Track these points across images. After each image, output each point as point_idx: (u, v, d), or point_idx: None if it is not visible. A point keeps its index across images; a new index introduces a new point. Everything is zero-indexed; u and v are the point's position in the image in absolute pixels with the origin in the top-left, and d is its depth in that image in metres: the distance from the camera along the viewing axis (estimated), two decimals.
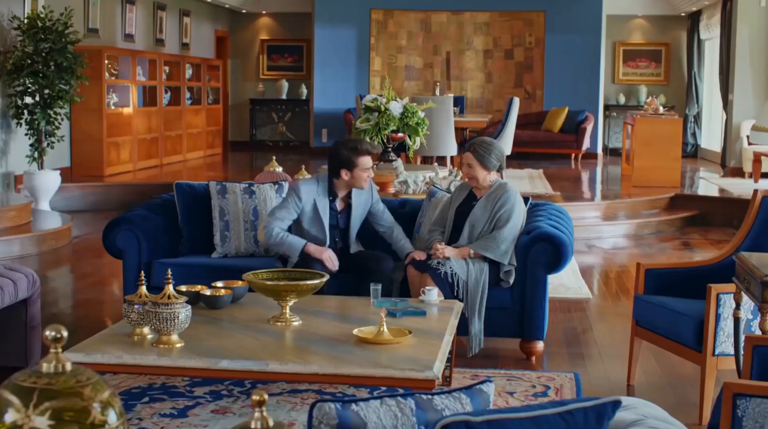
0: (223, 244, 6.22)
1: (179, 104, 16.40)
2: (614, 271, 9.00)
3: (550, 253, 5.62)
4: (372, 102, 8.44)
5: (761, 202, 5.26)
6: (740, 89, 15.10)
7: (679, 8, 18.41)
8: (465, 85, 18.51)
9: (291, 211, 5.80)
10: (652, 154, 12.92)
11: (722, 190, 13.00)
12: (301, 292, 4.52)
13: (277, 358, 3.99)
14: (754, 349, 3.62)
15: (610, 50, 19.08)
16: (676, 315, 4.88)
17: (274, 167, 7.21)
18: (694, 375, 5.41)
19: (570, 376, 5.41)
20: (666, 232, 11.20)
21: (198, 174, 14.70)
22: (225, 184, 6.32)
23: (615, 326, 6.79)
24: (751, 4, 14.95)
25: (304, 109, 19.72)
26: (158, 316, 4.05)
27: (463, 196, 5.88)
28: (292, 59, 20.06)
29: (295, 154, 18.24)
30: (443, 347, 4.18)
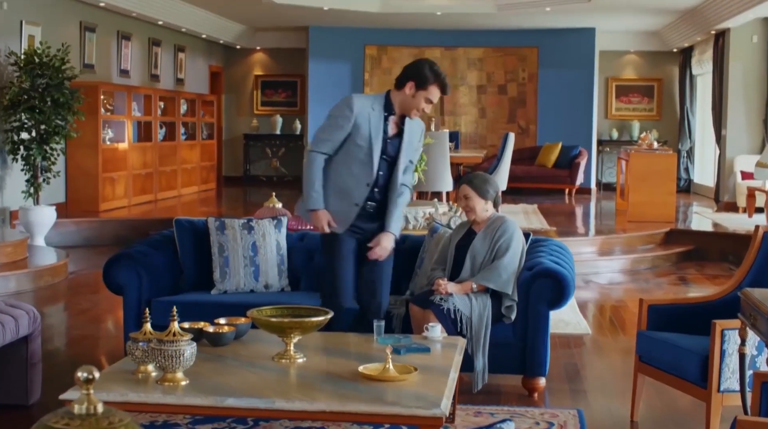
0: (222, 280, 6.20)
1: (174, 139, 16.42)
2: (612, 306, 8.99)
3: (553, 289, 5.61)
4: None
5: (763, 237, 5.26)
6: (733, 124, 15.19)
7: (671, 44, 18.54)
8: (459, 120, 18.58)
9: (339, 127, 5.16)
10: (646, 189, 12.96)
11: (716, 225, 13.03)
12: (306, 329, 4.50)
13: (282, 396, 3.96)
14: (763, 386, 3.62)
15: (602, 86, 19.19)
16: (681, 351, 4.88)
17: (273, 203, 7.22)
18: (698, 411, 5.40)
19: (573, 412, 5.39)
20: (662, 267, 11.22)
21: (192, 209, 14.71)
22: (224, 220, 6.31)
23: (615, 362, 6.77)
24: (743, 40, 15.07)
25: (298, 145, 19.76)
26: (163, 354, 4.02)
27: (463, 233, 5.88)
28: (286, 95, 20.13)
29: (289, 190, 18.23)
30: (449, 384, 4.16)
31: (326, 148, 5.24)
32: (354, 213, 5.31)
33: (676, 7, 15.12)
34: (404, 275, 6.30)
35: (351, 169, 5.26)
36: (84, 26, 13.79)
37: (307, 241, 6.55)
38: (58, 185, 12.86)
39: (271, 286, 6.26)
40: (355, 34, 18.26)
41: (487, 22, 17.23)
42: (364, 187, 5.28)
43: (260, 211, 7.14)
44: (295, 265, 6.43)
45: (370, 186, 5.29)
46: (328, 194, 5.29)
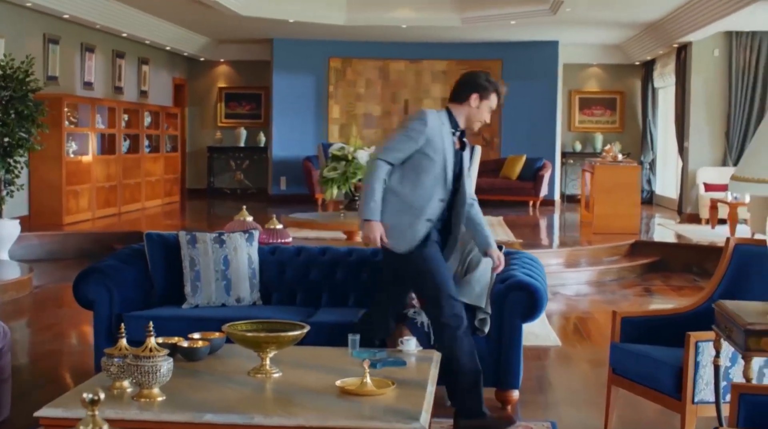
0: (194, 294, 6.16)
1: (138, 152, 16.33)
2: (579, 317, 9.03)
3: (526, 301, 5.63)
4: (339, 151, 8.46)
5: (734, 249, 5.31)
6: (696, 137, 15.35)
7: (633, 57, 18.70)
8: None
9: (412, 140, 5.09)
10: (611, 201, 13.05)
11: (680, 237, 13.15)
12: (282, 344, 4.47)
13: (261, 411, 3.94)
14: (741, 398, 3.64)
15: (566, 98, 19.32)
16: (655, 363, 4.90)
17: (244, 216, 7.18)
18: (671, 423, 5.44)
19: (547, 425, 5.41)
20: (627, 279, 11.29)
21: (156, 222, 14.63)
22: (195, 234, 6.27)
23: (586, 373, 6.80)
24: (704, 54, 15.25)
25: (262, 157, 19.71)
26: (140, 370, 3.98)
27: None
28: (250, 107, 20.08)
29: (254, 202, 18.19)
30: (427, 398, 4.16)
31: (394, 158, 5.15)
32: (425, 229, 5.21)
33: (638, 21, 15.26)
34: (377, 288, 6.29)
35: (423, 184, 5.16)
36: (48, 38, 13.69)
37: (279, 254, 6.52)
38: (21, 198, 12.73)
39: (243, 300, 6.23)
40: (319, 46, 18.26)
41: (451, 35, 17.29)
42: (438, 202, 5.21)
43: (231, 225, 7.10)
44: (266, 278, 6.40)
45: (444, 202, 5.24)
46: (392, 208, 5.19)
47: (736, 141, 15.08)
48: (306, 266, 6.48)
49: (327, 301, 6.40)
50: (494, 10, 15.18)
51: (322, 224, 8.91)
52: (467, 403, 5.23)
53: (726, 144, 15.19)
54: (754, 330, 3.90)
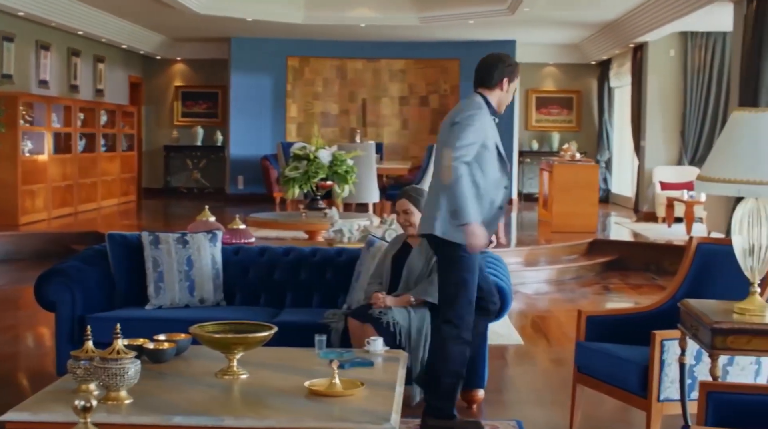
0: (157, 295, 6.12)
1: (94, 151, 16.17)
2: (540, 316, 9.08)
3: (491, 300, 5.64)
4: (301, 150, 8.45)
5: (696, 248, 5.36)
6: (651, 136, 15.49)
7: (589, 57, 18.83)
8: (381, 131, 18.62)
9: (479, 131, 4.99)
10: (570, 199, 13.12)
11: (637, 235, 13.26)
12: (250, 345, 4.45)
13: (230, 413, 3.92)
14: (709, 396, 3.67)
15: (522, 97, 19.40)
16: (620, 361, 4.94)
17: (206, 217, 7.14)
18: (636, 420, 5.49)
19: (513, 423, 5.43)
20: (586, 277, 11.36)
21: (113, 222, 14.50)
22: (158, 235, 6.23)
23: (550, 372, 6.84)
24: (660, 54, 15.39)
25: (219, 156, 19.61)
26: (107, 372, 3.94)
27: (398, 246, 5.87)
28: (207, 106, 19.96)
29: (211, 201, 18.01)
30: (397, 398, 4.16)
31: (469, 154, 5.04)
32: (499, 218, 5.25)
33: (595, 21, 15.37)
34: (341, 289, 6.29)
35: (488, 174, 5.12)
36: (2, 36, 13.51)
37: (242, 254, 6.49)
38: None
39: (207, 301, 6.20)
40: (277, 45, 18.19)
41: (409, 34, 17.30)
42: (503, 190, 5.23)
43: (194, 225, 7.06)
44: (230, 279, 6.37)
45: (508, 188, 5.29)
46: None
47: (692, 140, 15.24)
48: (270, 266, 6.46)
49: (291, 301, 6.38)
50: (453, 9, 15.21)
51: (285, 224, 8.89)
52: (441, 404, 5.24)
53: (682, 143, 15.34)
54: (721, 328, 3.95)
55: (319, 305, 6.33)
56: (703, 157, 15.03)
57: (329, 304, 6.26)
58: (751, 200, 4.12)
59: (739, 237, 4.15)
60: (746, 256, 4.15)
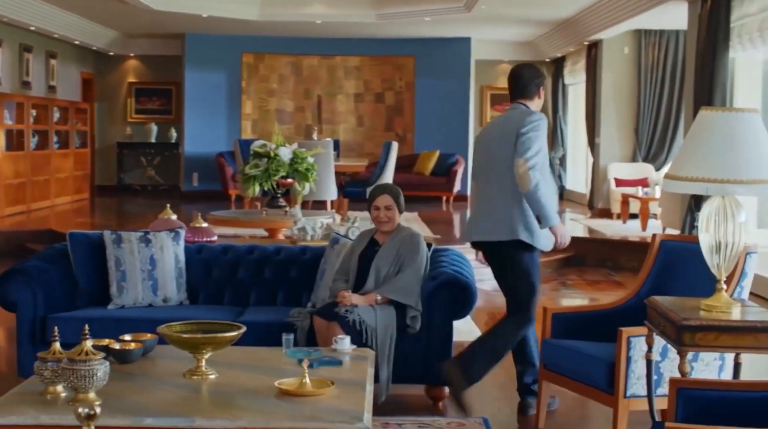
0: (120, 294, 6.06)
1: (47, 148, 15.98)
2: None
3: (457, 298, 5.68)
4: (261, 148, 8.40)
5: (659, 246, 5.42)
6: (606, 133, 15.61)
7: (544, 54, 18.94)
8: (337, 128, 18.61)
9: (542, 142, 5.38)
10: None
11: (592, 231, 13.35)
12: (218, 345, 4.43)
13: (201, 414, 3.89)
14: (679, 392, 3.71)
15: (477, 94, 19.46)
16: (587, 358, 4.98)
17: (168, 215, 7.08)
18: (602, 416, 5.53)
19: (479, 421, 5.44)
20: (543, 273, 11.30)
21: (67, 220, 14.35)
22: (120, 234, 6.18)
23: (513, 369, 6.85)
24: (615, 52, 15.51)
25: (173, 153, 19.47)
26: (76, 374, 3.90)
27: (365, 243, 5.88)
28: (160, 102, 19.81)
29: (165, 199, 17.94)
30: (368, 397, 4.15)
31: (540, 162, 5.32)
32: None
33: (550, 18, 15.46)
34: (305, 287, 6.27)
35: (547, 180, 5.38)
36: None
37: (205, 253, 6.45)
38: None
39: (170, 300, 6.15)
40: (232, 41, 18.09)
41: (365, 31, 17.30)
42: (556, 194, 5.61)
43: (155, 223, 7.00)
44: (193, 277, 6.33)
45: (558, 193, 5.48)
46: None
47: (646, 137, 15.37)
48: (233, 265, 6.43)
49: (255, 300, 6.36)
50: (409, 6, 15.23)
51: (245, 222, 8.85)
52: (474, 367, 5.46)
53: (636, 140, 15.48)
54: (689, 325, 3.99)
55: (283, 304, 6.31)
56: (657, 154, 15.19)
57: (294, 303, 6.25)
58: (717, 198, 4.17)
59: (706, 235, 4.19)
60: (713, 254, 4.20)
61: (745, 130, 4.08)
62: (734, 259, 4.18)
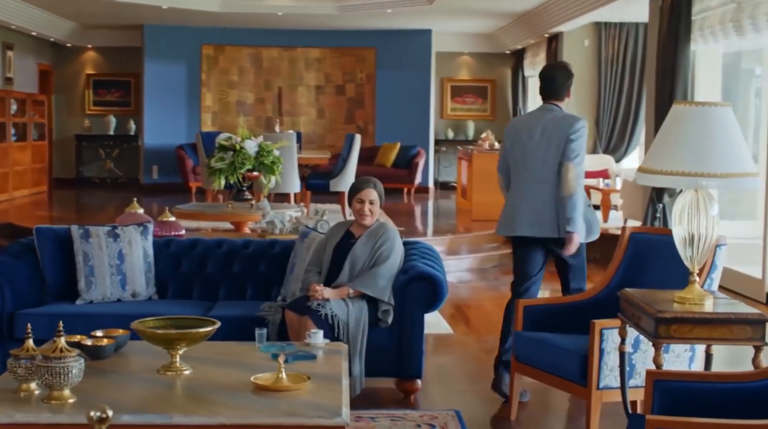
0: (88, 290, 6.01)
1: (4, 141, 15.79)
2: (467, 305, 9.14)
3: (428, 292, 5.69)
4: (226, 140, 8.35)
5: (629, 238, 5.46)
6: None
7: (504, 46, 19.00)
8: (297, 120, 18.54)
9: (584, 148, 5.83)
10: (489, 188, 13.14)
11: None
12: (193, 341, 4.40)
13: (178, 410, 3.87)
14: (655, 384, 3.75)
15: (438, 86, 19.48)
16: (560, 351, 5.01)
17: (135, 209, 7.02)
18: (574, 408, 5.58)
19: (451, 413, 5.46)
20: (507, 265, 11.42)
21: (26, 213, 14.19)
22: (88, 228, 6.11)
23: (483, 360, 6.89)
24: (575, 44, 15.59)
25: (132, 145, 19.30)
26: (50, 371, 3.86)
27: (341, 235, 5.87)
28: (119, 94, 19.62)
29: (125, 192, 17.84)
30: (344, 392, 4.15)
31: (582, 168, 5.78)
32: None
33: (511, 11, 15.49)
34: (275, 281, 6.26)
35: (582, 189, 5.84)
36: None
37: (174, 247, 6.41)
38: None
39: (139, 295, 6.11)
40: (192, 33, 17.96)
41: (326, 23, 17.25)
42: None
43: (122, 218, 6.93)
44: (161, 272, 6.29)
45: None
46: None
47: (606, 129, 15.47)
48: (202, 259, 6.39)
49: (224, 294, 6.33)
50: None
51: (212, 215, 8.79)
52: None
53: (596, 132, 15.57)
54: (665, 318, 4.03)
55: (252, 298, 6.30)
56: (617, 146, 15.30)
57: (263, 297, 6.23)
58: (690, 191, 4.21)
59: (680, 227, 4.23)
60: (686, 247, 4.24)
61: (718, 124, 4.13)
62: (707, 251, 4.22)
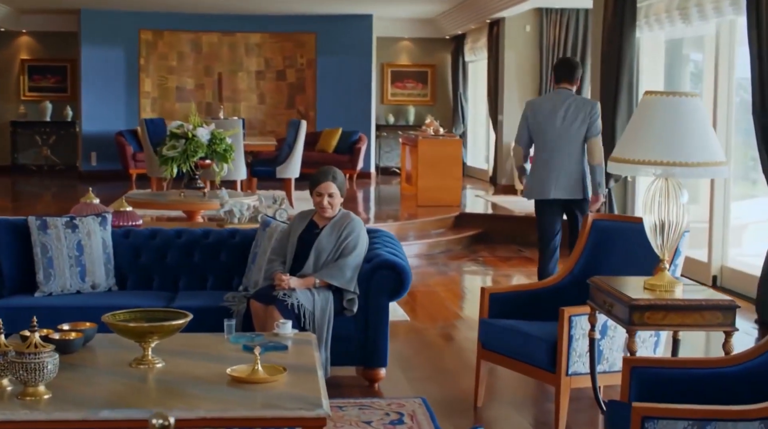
0: (47, 282, 5.92)
1: None
2: (419, 291, 9.16)
3: (393, 280, 5.70)
4: (178, 128, 8.27)
5: (591, 225, 5.52)
6: (509, 110, 15.78)
7: (444, 32, 19.04)
8: (238, 106, 18.40)
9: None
10: (435, 174, 13.28)
11: (499, 208, 13.51)
12: (166, 333, 4.36)
13: (157, 405, 3.83)
14: (632, 371, 3.81)
15: (378, 72, 19.46)
16: (528, 337, 5.05)
17: (91, 199, 6.92)
18: (540, 394, 5.64)
19: (418, 401, 5.48)
20: (455, 251, 11.54)
21: None
22: (45, 219, 6.02)
23: (443, 347, 6.94)
24: (517, 30, 15.67)
25: (70, 132, 19.00)
26: (25, 367, 3.80)
27: (304, 225, 5.84)
28: (55, 80, 19.28)
29: (62, 179, 17.62)
30: (321, 382, 4.15)
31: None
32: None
33: None
34: (236, 271, 6.22)
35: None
36: None
37: (133, 237, 6.33)
38: None
39: (99, 286, 6.03)
40: (129, 17, 17.71)
41: (266, 8, 17.13)
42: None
43: (77, 208, 6.83)
44: (121, 262, 6.21)
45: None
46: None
47: None
48: (162, 249, 6.33)
49: (185, 284, 6.28)
50: None
51: (164, 204, 8.70)
52: None
53: None
54: (639, 305, 4.09)
55: (213, 288, 6.26)
56: None
57: (224, 287, 6.19)
58: (661, 180, 4.27)
59: (650, 215, 4.29)
60: (656, 234, 4.30)
61: (688, 114, 4.19)
62: (677, 239, 4.29)
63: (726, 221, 9.07)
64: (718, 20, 8.90)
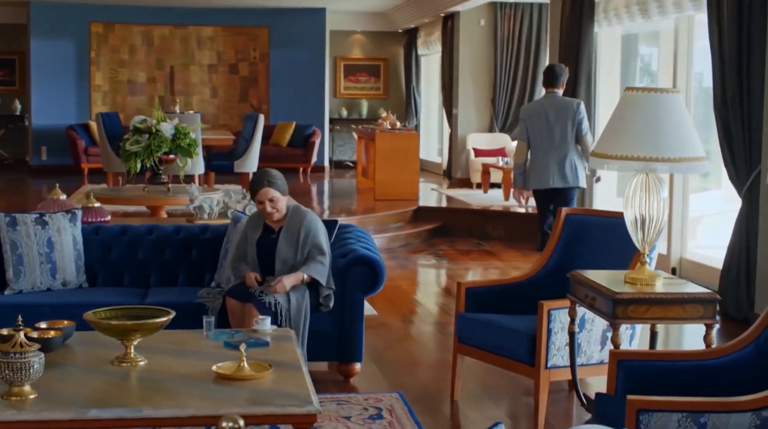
0: (17, 279, 5.85)
1: None
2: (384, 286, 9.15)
3: (368, 275, 5.72)
4: (142, 123, 8.21)
5: (564, 220, 5.57)
6: (464, 104, 15.85)
7: (397, 25, 19.06)
8: (190, 100, 18.28)
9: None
10: (392, 167, 13.29)
11: (454, 201, 13.57)
12: (149, 331, 4.33)
13: (144, 403, 3.81)
14: (619, 364, 3.86)
15: (331, 65, 19.43)
16: (506, 331, 5.09)
17: (58, 195, 6.84)
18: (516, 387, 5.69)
19: (395, 396, 5.50)
20: (414, 244, 11.57)
21: None
22: (15, 216, 5.94)
23: (414, 341, 6.97)
24: (471, 23, 15.74)
25: (19, 125, 18.73)
26: (10, 367, 3.75)
27: (260, 230, 5.70)
28: (3, 73, 18.99)
29: (13, 173, 17.38)
30: (307, 378, 4.15)
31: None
32: None
33: None
34: (207, 267, 6.19)
35: None
36: None
37: (103, 234, 6.27)
38: None
39: (70, 283, 5.97)
40: (79, 9, 17.49)
41: (218, 1, 17.04)
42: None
43: (44, 204, 6.75)
44: (91, 259, 6.15)
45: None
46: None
47: (502, 108, 15.69)
48: (132, 246, 6.28)
49: (156, 281, 6.24)
50: None
51: (128, 199, 8.63)
52: None
53: (493, 111, 15.79)
54: (623, 299, 4.14)
55: (185, 284, 6.22)
56: (513, 124, 15.52)
57: (196, 283, 6.16)
58: (642, 174, 4.32)
59: (631, 210, 4.35)
60: (637, 229, 4.36)
61: (669, 110, 4.25)
62: (658, 233, 4.35)
63: (685, 214, 9.20)
64: (677, 15, 9.02)
